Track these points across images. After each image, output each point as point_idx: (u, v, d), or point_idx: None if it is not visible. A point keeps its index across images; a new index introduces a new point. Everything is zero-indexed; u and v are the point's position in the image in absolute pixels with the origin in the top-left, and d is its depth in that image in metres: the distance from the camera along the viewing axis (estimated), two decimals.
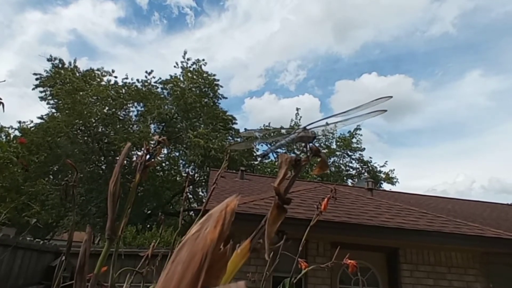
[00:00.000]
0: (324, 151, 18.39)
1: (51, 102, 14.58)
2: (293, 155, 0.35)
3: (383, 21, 26.59)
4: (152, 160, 0.65)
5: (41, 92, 14.61)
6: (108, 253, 0.55)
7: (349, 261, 1.37)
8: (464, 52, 25.70)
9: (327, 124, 0.49)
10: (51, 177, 14.55)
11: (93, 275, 0.49)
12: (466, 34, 24.58)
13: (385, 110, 0.44)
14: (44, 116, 14.32)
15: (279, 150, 0.49)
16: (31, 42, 22.57)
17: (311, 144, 0.42)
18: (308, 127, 0.45)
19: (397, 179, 19.60)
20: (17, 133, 14.14)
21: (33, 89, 14.51)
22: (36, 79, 14.47)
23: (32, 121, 14.51)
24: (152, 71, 15.60)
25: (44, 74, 14.52)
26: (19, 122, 14.45)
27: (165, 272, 0.20)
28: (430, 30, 24.93)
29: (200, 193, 16.46)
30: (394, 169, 19.66)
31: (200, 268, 0.19)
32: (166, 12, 25.11)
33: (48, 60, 14.61)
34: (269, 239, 0.26)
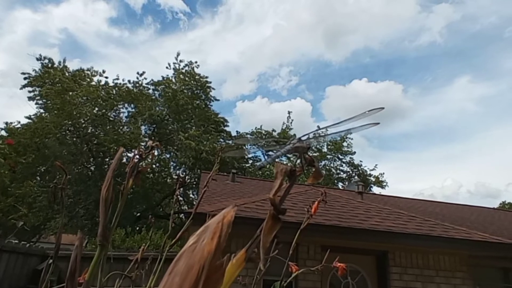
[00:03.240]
0: (316, 154, 18.50)
1: (40, 102, 14.34)
2: (286, 163, 0.35)
3: (373, 29, 26.99)
4: (145, 165, 0.64)
5: (29, 92, 14.36)
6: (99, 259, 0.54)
7: (339, 264, 1.38)
8: (452, 58, 26.21)
9: (319, 135, 0.50)
10: (39, 179, 14.27)
11: (85, 282, 0.49)
12: (454, 41, 25.08)
13: (378, 123, 0.45)
14: (32, 116, 14.07)
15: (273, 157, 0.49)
16: (21, 42, 22.18)
17: (305, 155, 0.43)
18: (302, 138, 0.46)
19: (387, 182, 19.84)
20: (3, 133, 13.84)
21: (21, 88, 14.25)
22: (25, 78, 14.21)
23: (19, 122, 14.23)
24: (143, 72, 15.50)
25: (33, 73, 14.28)
26: (6, 122, 14.16)
27: (162, 284, 0.20)
28: (418, 40, 25.40)
29: (191, 195, 16.35)
30: (383, 173, 19.87)
31: (198, 280, 0.19)
32: (160, 16, 24.98)
33: (38, 59, 14.37)
34: (264, 249, 0.26)
